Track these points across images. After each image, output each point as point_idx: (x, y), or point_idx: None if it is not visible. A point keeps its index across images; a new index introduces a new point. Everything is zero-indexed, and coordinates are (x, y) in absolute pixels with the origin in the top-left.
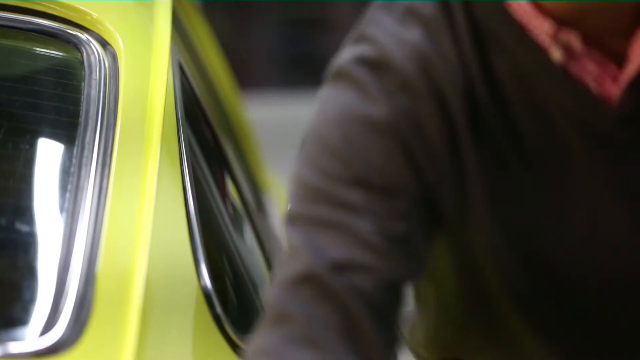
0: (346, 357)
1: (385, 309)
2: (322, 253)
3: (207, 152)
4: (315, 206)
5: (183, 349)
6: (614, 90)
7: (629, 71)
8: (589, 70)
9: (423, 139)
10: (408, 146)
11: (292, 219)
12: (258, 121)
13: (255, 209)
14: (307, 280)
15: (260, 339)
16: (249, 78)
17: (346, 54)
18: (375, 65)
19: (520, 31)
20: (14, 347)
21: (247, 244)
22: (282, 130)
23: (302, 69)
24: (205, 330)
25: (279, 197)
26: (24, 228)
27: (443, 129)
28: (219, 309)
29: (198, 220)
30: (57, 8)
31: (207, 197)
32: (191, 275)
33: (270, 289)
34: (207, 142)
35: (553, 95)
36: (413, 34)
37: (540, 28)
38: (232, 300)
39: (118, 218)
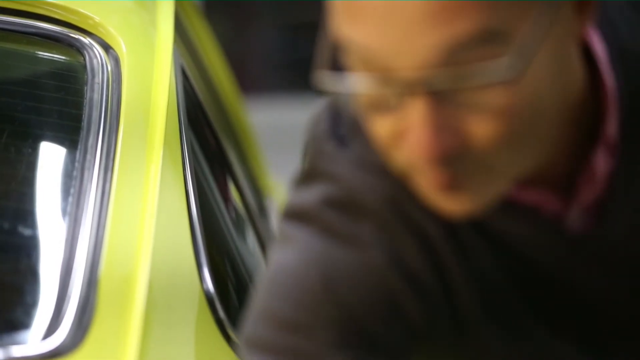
0: None
1: None
2: None
3: (209, 155)
4: (288, 337)
5: (185, 352)
6: (568, 213)
7: (581, 199)
8: (538, 199)
9: (410, 279)
10: (394, 290)
11: (259, 346)
12: (260, 125)
13: (257, 212)
14: None
15: None
16: (250, 82)
17: (308, 195)
18: (347, 208)
19: None
20: (16, 351)
21: (250, 247)
22: (284, 134)
23: (303, 73)
24: (207, 334)
25: (281, 200)
26: (27, 232)
27: (429, 265)
28: (221, 313)
29: (200, 224)
30: (60, 12)
31: (209, 201)
32: (194, 279)
33: None
34: (210, 145)
35: (509, 227)
36: (378, 181)
37: None
38: (234, 304)
39: (120, 222)
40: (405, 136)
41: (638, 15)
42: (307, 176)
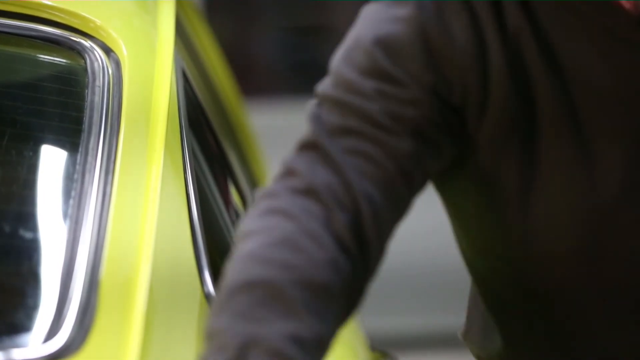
0: (339, 213)
1: (385, 182)
2: (325, 123)
3: (210, 158)
4: (328, 89)
5: (187, 354)
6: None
7: None
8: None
9: (449, 38)
10: (432, 45)
11: (332, 104)
12: (261, 128)
13: None
14: (310, 146)
15: (269, 187)
16: (252, 85)
17: None
18: None
19: None
20: (17, 354)
21: None
22: (285, 137)
23: (306, 76)
24: None
25: None
26: (28, 234)
27: (470, 30)
28: None
29: (201, 226)
30: (61, 15)
31: (210, 203)
32: (194, 281)
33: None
34: (211, 149)
35: (574, 5)
36: None
37: None
38: None
39: (121, 224)
40: None
41: None
42: None
